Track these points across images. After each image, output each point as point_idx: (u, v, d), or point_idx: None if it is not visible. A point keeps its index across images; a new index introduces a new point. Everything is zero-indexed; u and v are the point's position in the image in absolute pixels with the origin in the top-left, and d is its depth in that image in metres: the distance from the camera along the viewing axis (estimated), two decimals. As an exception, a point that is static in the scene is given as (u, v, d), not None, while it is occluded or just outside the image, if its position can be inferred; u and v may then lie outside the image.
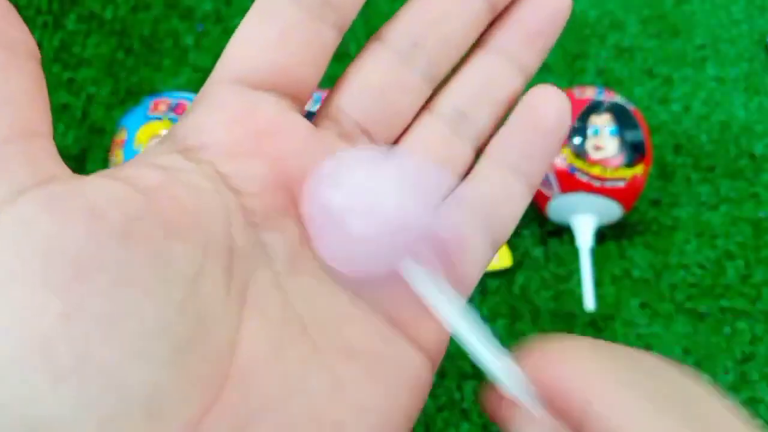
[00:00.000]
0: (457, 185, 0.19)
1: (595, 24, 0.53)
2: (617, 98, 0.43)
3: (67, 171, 0.15)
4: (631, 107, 0.43)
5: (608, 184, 0.41)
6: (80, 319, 0.13)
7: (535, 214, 0.46)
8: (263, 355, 0.15)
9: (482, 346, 0.16)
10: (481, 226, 0.19)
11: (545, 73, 0.51)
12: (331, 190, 0.16)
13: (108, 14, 0.51)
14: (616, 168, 0.41)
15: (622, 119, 0.42)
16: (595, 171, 0.41)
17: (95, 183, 0.14)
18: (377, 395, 0.16)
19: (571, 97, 0.43)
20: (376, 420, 0.16)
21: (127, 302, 0.13)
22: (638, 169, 0.42)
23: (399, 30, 0.19)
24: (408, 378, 0.17)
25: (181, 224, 0.15)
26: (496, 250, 0.19)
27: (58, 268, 0.13)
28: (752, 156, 0.49)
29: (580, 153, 0.41)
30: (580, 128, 0.42)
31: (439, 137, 0.19)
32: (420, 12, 0.19)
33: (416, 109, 0.19)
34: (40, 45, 0.49)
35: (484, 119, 0.20)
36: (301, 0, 0.17)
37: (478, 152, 0.20)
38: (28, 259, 0.13)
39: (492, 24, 0.20)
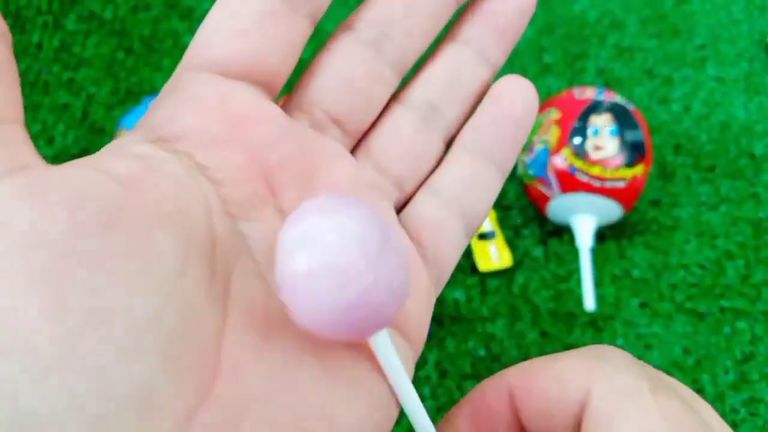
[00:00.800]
0: (430, 176, 0.20)
1: (595, 24, 0.53)
2: (617, 98, 0.43)
3: (40, 159, 0.14)
4: (631, 107, 0.43)
5: (608, 184, 0.41)
6: (64, 313, 0.12)
7: (535, 214, 0.46)
8: (250, 346, 0.14)
9: (422, 416, 0.17)
10: (455, 213, 0.19)
11: (545, 73, 0.51)
12: (301, 259, 0.14)
13: (108, 14, 0.51)
14: (616, 168, 0.41)
15: (622, 119, 0.42)
16: (595, 171, 0.41)
17: (71, 171, 0.14)
18: (365, 387, 0.16)
19: (571, 97, 0.43)
20: (365, 410, 0.16)
21: (113, 294, 0.12)
22: (638, 169, 0.42)
23: (367, 18, 0.19)
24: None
25: (161, 215, 0.14)
26: (470, 235, 0.20)
27: (40, 260, 0.12)
28: (752, 156, 0.49)
29: (580, 153, 0.41)
30: (580, 128, 0.42)
31: (411, 130, 0.19)
32: (388, 1, 0.19)
33: (386, 99, 0.19)
34: (40, 45, 0.49)
35: (453, 112, 0.20)
36: None
37: (448, 144, 0.20)
38: (8, 250, 0.12)
39: (460, 16, 0.20)
